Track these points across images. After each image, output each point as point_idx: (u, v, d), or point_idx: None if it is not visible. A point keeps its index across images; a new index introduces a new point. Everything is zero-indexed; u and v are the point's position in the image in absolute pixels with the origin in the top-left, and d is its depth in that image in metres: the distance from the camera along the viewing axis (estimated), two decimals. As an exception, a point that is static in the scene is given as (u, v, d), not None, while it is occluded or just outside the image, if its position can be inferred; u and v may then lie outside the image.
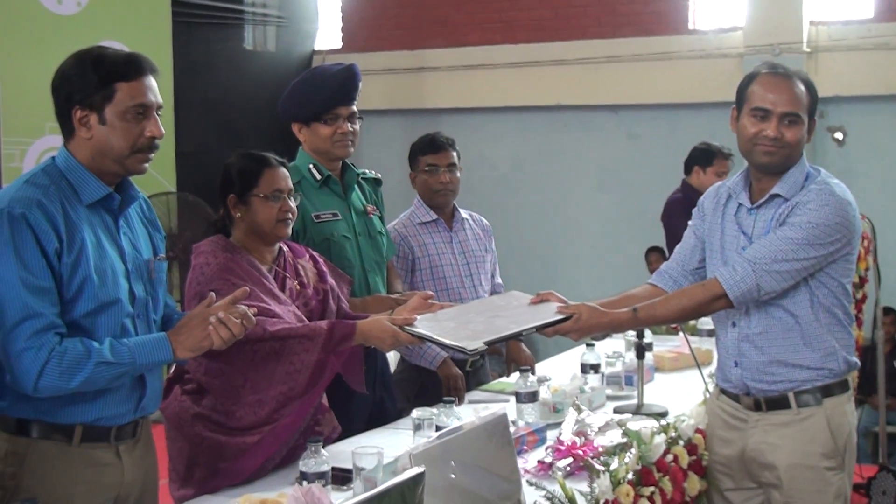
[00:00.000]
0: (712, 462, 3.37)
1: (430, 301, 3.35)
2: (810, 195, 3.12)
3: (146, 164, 2.73)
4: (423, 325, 3.21)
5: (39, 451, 2.64)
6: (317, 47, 10.83)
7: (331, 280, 3.52)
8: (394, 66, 10.29)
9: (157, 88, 2.73)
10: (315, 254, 3.58)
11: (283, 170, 3.38)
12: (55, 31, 7.57)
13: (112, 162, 2.68)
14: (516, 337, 3.29)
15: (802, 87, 3.16)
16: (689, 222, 3.49)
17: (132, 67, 2.67)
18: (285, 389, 3.13)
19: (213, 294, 2.79)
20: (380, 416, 3.82)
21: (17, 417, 2.63)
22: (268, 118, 8.91)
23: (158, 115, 2.72)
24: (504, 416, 2.69)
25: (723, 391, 3.36)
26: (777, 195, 3.17)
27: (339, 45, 10.90)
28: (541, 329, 3.18)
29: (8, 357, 2.53)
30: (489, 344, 3.12)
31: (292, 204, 3.35)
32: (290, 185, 3.38)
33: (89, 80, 2.64)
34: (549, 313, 3.22)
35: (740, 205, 3.27)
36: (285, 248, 3.46)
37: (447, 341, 3.13)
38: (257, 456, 3.14)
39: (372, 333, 3.21)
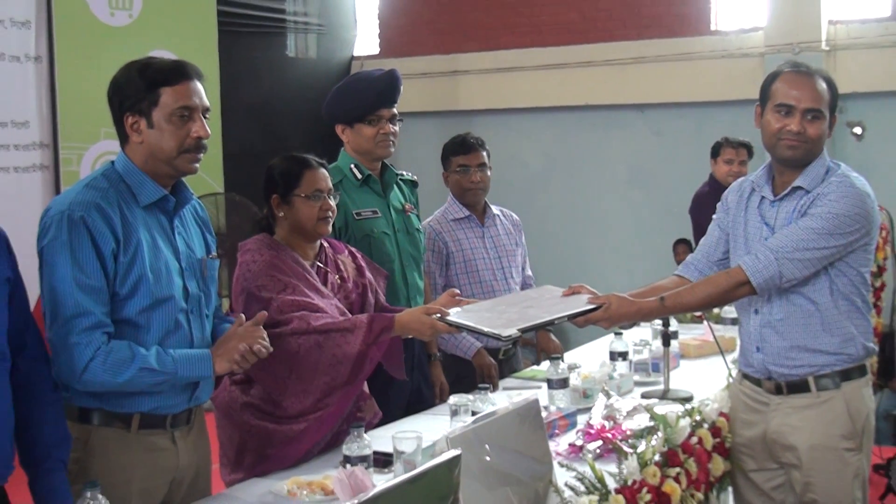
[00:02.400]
0: (735, 444, 3.37)
1: (457, 297, 3.37)
2: (831, 187, 3.11)
3: (196, 164, 2.75)
4: (460, 315, 3.23)
5: (100, 437, 2.68)
6: (355, 53, 10.85)
7: (369, 275, 3.55)
8: (429, 70, 10.29)
9: (204, 93, 2.75)
10: (353, 249, 3.61)
11: (323, 170, 3.39)
12: (108, 41, 7.63)
13: (163, 163, 2.71)
14: (549, 325, 3.29)
15: (824, 85, 3.16)
16: (714, 216, 3.48)
17: (175, 73, 2.71)
18: (329, 380, 3.15)
19: (242, 315, 2.84)
20: (418, 402, 3.85)
21: (80, 406, 2.68)
22: (309, 121, 8.95)
23: (206, 117, 2.74)
24: (536, 401, 2.70)
25: (745, 376, 3.35)
26: (799, 187, 3.16)
27: (376, 50, 10.91)
28: (572, 318, 3.18)
29: (58, 349, 2.57)
30: (523, 331, 3.13)
31: (332, 202, 3.37)
32: (330, 184, 3.39)
33: (137, 88, 2.68)
34: (580, 304, 3.23)
35: (763, 197, 3.26)
36: (326, 244, 3.49)
37: (483, 328, 3.14)
38: (304, 442, 3.18)
39: (410, 325, 3.22)
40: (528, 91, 9.96)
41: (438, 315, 3.22)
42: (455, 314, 3.23)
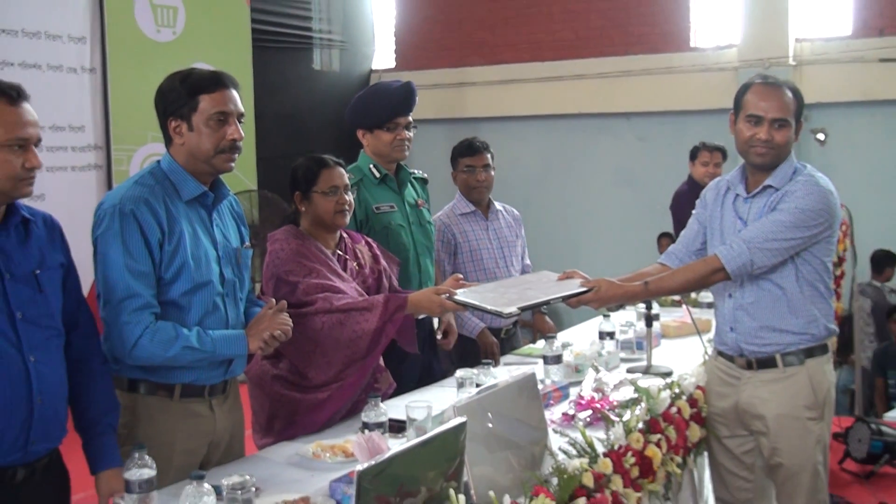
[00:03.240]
0: (710, 413, 3.36)
1: (461, 281, 3.36)
2: (798, 185, 3.09)
3: (232, 164, 2.74)
4: (466, 295, 3.22)
5: (146, 404, 2.68)
6: (374, 67, 10.84)
7: (383, 262, 3.54)
8: (439, 82, 10.28)
9: (239, 100, 2.74)
10: (369, 239, 3.60)
11: (339, 169, 3.37)
12: (155, 55, 7.64)
13: (202, 162, 2.71)
14: (545, 304, 3.28)
15: (790, 95, 3.13)
16: (693, 211, 3.47)
17: (213, 82, 2.70)
18: (349, 353, 3.15)
19: (272, 300, 2.84)
20: (428, 376, 3.84)
21: (129, 378, 2.68)
22: (333, 127, 8.97)
23: (240, 122, 2.73)
24: (533, 375, 2.70)
25: (720, 353, 3.34)
26: (769, 186, 3.14)
27: (392, 64, 10.89)
28: (566, 299, 3.17)
29: (111, 327, 2.58)
30: (522, 309, 3.12)
31: (348, 197, 3.35)
32: (346, 181, 3.37)
33: (179, 95, 2.68)
34: (573, 287, 3.21)
35: (737, 195, 3.24)
36: (345, 235, 3.48)
37: (487, 306, 3.12)
38: (327, 409, 3.17)
39: (422, 304, 3.22)
40: (527, 101, 9.96)
41: (447, 295, 3.21)
42: (462, 294, 3.23)
